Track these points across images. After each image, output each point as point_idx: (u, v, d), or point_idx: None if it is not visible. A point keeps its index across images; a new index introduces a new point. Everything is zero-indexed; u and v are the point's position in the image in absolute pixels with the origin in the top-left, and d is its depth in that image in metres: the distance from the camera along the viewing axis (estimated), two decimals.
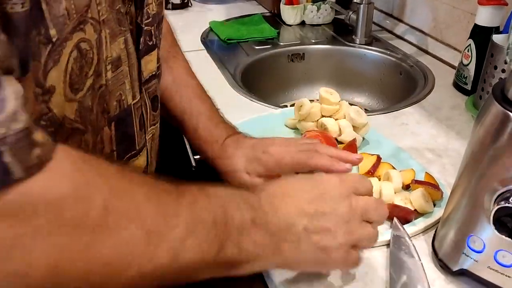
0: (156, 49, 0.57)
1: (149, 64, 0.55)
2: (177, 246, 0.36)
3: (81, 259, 0.32)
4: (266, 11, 1.47)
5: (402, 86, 1.06)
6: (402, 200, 0.61)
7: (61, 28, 0.37)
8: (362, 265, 0.54)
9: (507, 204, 0.44)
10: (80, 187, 0.32)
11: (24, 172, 0.29)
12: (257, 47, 1.20)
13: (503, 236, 0.45)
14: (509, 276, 0.48)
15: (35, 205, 0.30)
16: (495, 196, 0.45)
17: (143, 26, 0.52)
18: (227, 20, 1.39)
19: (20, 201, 0.29)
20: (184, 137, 0.78)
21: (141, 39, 0.52)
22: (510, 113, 0.44)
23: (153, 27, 0.54)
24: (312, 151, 0.57)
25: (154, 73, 0.57)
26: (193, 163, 0.90)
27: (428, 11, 1.14)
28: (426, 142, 0.77)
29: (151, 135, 0.58)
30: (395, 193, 0.62)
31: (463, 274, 0.51)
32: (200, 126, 0.66)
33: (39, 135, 0.30)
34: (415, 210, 0.60)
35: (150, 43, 0.54)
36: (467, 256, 0.50)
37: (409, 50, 1.14)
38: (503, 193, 0.45)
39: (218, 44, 1.24)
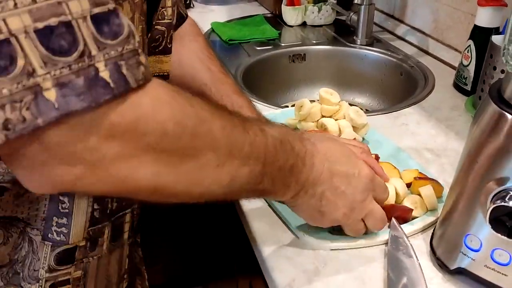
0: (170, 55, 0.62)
1: (159, 64, 0.59)
2: (234, 172, 0.43)
3: (175, 179, 0.39)
4: (268, 12, 1.48)
5: (403, 87, 1.06)
6: (412, 204, 0.61)
7: None
8: (361, 263, 0.55)
9: (503, 203, 0.44)
10: (177, 113, 0.38)
11: (136, 84, 0.35)
12: (258, 48, 1.21)
13: (500, 235, 0.46)
14: (505, 275, 0.48)
15: (144, 123, 0.35)
16: (491, 195, 0.46)
17: (155, 24, 0.55)
18: (229, 21, 1.40)
19: (131, 118, 0.35)
20: None
21: (148, 35, 0.55)
22: (506, 113, 0.44)
23: (166, 31, 0.58)
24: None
25: (167, 73, 0.65)
26: None
27: (429, 12, 1.14)
28: (425, 142, 0.78)
29: None
30: (403, 198, 0.62)
31: (460, 272, 0.52)
32: None
33: (143, 58, 0.36)
34: (413, 209, 0.61)
35: (160, 47, 0.58)
36: (465, 254, 0.50)
37: (410, 51, 1.15)
38: (499, 192, 0.45)
39: (220, 45, 1.25)
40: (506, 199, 0.44)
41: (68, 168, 0.35)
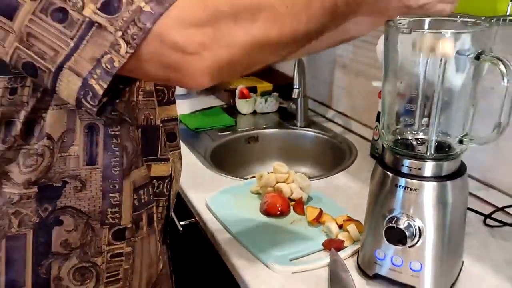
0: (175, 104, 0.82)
1: (166, 111, 0.80)
2: (309, 5, 0.54)
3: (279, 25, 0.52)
4: (224, 103, 1.80)
5: (334, 158, 1.38)
6: (343, 237, 0.89)
7: None
8: (314, 278, 0.81)
9: (392, 224, 0.73)
10: None
11: None
12: (220, 134, 1.50)
13: (392, 245, 0.74)
14: (400, 272, 0.76)
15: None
16: (385, 221, 0.74)
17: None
18: (193, 112, 1.70)
19: None
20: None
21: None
22: (386, 171, 0.75)
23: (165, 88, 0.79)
24: None
25: (175, 117, 0.82)
26: (180, 228, 1.15)
27: (349, 100, 1.51)
28: (351, 196, 1.07)
29: (172, 158, 0.81)
30: (336, 235, 0.90)
31: (376, 277, 0.79)
32: None
33: None
34: (344, 241, 0.88)
35: (164, 100, 0.80)
36: (376, 264, 0.78)
37: (338, 130, 1.49)
38: (389, 218, 0.74)
39: (188, 133, 1.52)
40: (393, 222, 0.73)
41: (206, 51, 0.49)
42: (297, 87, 1.46)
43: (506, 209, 0.99)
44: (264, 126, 1.56)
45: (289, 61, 1.53)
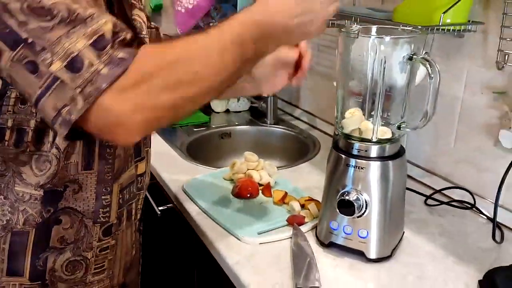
0: None
1: None
2: (221, 63, 0.63)
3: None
4: None
5: (299, 151, 1.51)
6: (305, 214, 1.03)
7: None
8: (279, 248, 0.94)
9: (344, 197, 0.87)
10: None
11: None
12: (195, 129, 1.62)
13: (345, 216, 0.88)
14: (351, 240, 0.90)
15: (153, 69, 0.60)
16: (338, 194, 0.88)
17: None
18: None
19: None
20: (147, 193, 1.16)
21: None
22: (339, 154, 0.89)
23: None
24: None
25: None
26: (158, 213, 1.26)
27: (314, 100, 1.65)
28: (313, 183, 1.21)
29: (146, 153, 0.91)
30: (299, 212, 1.03)
31: (331, 245, 0.93)
32: None
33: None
34: (305, 217, 1.02)
35: None
36: (331, 233, 0.92)
37: (303, 127, 1.63)
38: (342, 192, 0.88)
39: (165, 128, 1.63)
40: (345, 196, 0.87)
41: (137, 114, 0.58)
42: None
43: (443, 191, 1.15)
44: (237, 123, 1.69)
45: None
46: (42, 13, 0.57)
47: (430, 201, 1.12)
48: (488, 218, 1.05)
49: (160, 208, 1.25)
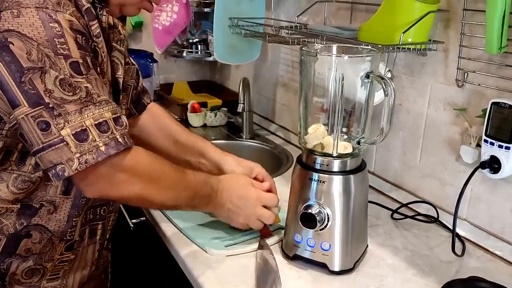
0: None
1: None
2: (178, 194, 0.87)
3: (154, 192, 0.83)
4: (177, 117, 1.93)
5: (273, 165, 1.54)
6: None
7: None
8: (244, 260, 0.95)
9: (306, 210, 0.89)
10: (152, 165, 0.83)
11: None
12: None
13: (308, 229, 0.90)
14: (314, 252, 0.91)
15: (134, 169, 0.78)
16: (301, 208, 0.90)
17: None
18: None
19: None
20: (121, 206, 1.17)
21: None
22: (302, 168, 0.91)
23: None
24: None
25: None
26: (131, 225, 1.27)
27: (289, 115, 1.68)
28: (286, 197, 1.23)
29: None
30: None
31: (295, 257, 0.94)
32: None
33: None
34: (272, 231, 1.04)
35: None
36: (295, 246, 0.93)
37: (278, 141, 1.66)
38: (305, 205, 0.90)
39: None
40: (307, 209, 0.89)
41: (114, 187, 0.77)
42: (241, 102, 1.63)
43: (409, 205, 1.17)
44: (213, 138, 1.71)
45: (236, 80, 1.69)
46: (68, 89, 0.70)
47: (396, 215, 1.15)
48: (450, 231, 1.08)
49: (133, 221, 1.26)
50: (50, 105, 0.69)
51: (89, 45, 0.76)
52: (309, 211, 0.88)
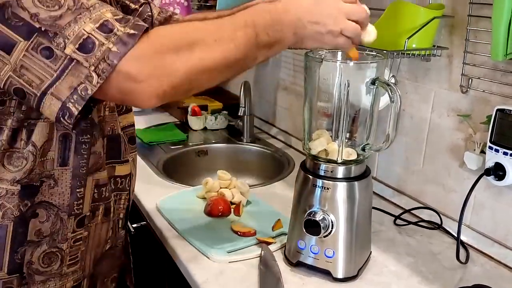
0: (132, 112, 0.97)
1: (126, 119, 0.94)
2: (233, 41, 0.67)
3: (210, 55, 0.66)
4: (177, 120, 1.93)
5: (275, 169, 1.53)
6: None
7: None
8: (246, 266, 0.94)
9: (310, 217, 0.88)
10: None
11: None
12: (172, 147, 1.63)
13: (311, 236, 0.89)
14: (318, 259, 0.91)
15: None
16: (305, 214, 0.89)
17: None
18: (147, 128, 1.82)
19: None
20: None
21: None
22: (306, 174, 0.90)
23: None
24: None
25: (132, 123, 0.97)
26: (132, 230, 1.26)
27: (290, 119, 1.68)
28: (287, 202, 1.22)
29: (132, 158, 0.95)
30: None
31: (298, 264, 0.93)
32: None
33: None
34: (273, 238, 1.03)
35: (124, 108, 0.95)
36: (299, 253, 0.93)
37: (279, 145, 1.65)
38: (309, 212, 0.89)
39: (142, 146, 1.64)
40: (311, 216, 0.88)
41: (153, 79, 0.63)
42: (242, 106, 1.62)
43: (413, 211, 1.17)
44: (213, 141, 1.70)
45: (237, 83, 1.69)
46: (51, 3, 0.63)
47: (399, 221, 1.14)
48: (454, 238, 1.07)
49: (134, 225, 1.25)
50: (43, 29, 0.63)
51: None
52: (313, 217, 0.88)
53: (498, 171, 0.93)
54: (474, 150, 1.02)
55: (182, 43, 0.66)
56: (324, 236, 0.89)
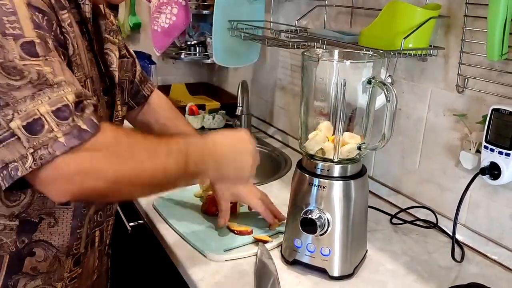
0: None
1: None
2: (165, 163, 0.69)
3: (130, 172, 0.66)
4: None
5: (272, 168, 1.53)
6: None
7: None
8: (243, 264, 0.95)
9: (307, 215, 0.88)
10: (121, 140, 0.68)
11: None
12: None
13: (308, 234, 0.89)
14: (314, 257, 0.91)
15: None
16: (302, 213, 0.90)
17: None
18: None
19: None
20: (118, 208, 1.16)
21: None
22: (303, 173, 0.91)
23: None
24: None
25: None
26: (129, 229, 1.26)
27: (287, 118, 1.68)
28: (284, 201, 1.22)
29: None
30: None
31: (295, 262, 0.94)
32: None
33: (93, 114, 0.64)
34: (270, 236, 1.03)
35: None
36: (295, 251, 0.93)
37: (277, 144, 1.66)
38: (305, 210, 0.90)
39: None
40: (307, 214, 0.89)
41: (79, 176, 0.61)
42: (240, 105, 1.62)
43: (409, 210, 1.17)
44: None
45: (235, 83, 1.69)
46: (13, 72, 0.60)
47: (395, 220, 1.15)
48: (450, 237, 1.08)
49: (131, 224, 1.25)
50: None
51: (53, 27, 0.66)
52: (310, 216, 0.88)
53: (493, 171, 0.94)
54: (470, 149, 1.02)
55: (121, 152, 0.66)
56: (320, 235, 0.89)
